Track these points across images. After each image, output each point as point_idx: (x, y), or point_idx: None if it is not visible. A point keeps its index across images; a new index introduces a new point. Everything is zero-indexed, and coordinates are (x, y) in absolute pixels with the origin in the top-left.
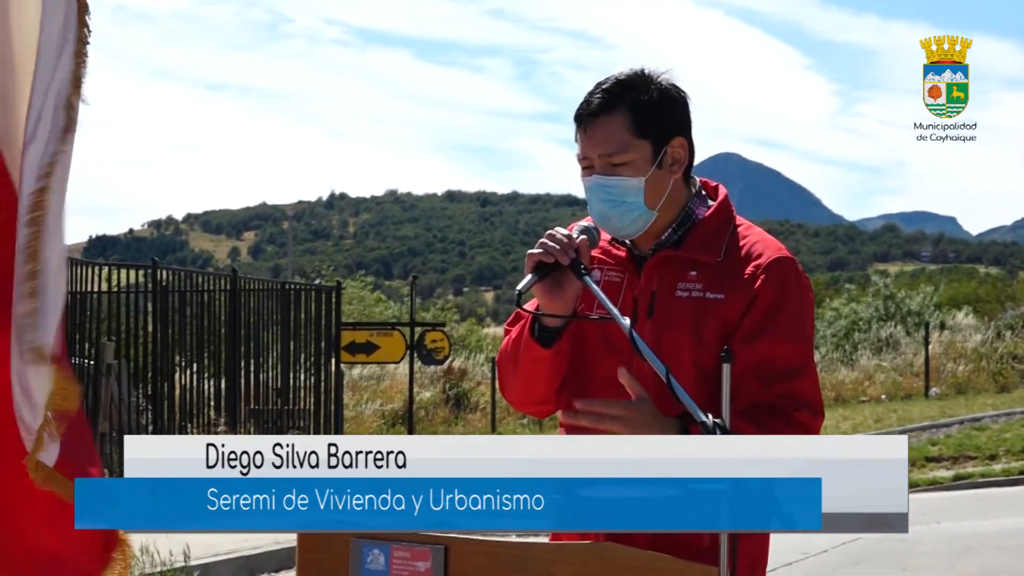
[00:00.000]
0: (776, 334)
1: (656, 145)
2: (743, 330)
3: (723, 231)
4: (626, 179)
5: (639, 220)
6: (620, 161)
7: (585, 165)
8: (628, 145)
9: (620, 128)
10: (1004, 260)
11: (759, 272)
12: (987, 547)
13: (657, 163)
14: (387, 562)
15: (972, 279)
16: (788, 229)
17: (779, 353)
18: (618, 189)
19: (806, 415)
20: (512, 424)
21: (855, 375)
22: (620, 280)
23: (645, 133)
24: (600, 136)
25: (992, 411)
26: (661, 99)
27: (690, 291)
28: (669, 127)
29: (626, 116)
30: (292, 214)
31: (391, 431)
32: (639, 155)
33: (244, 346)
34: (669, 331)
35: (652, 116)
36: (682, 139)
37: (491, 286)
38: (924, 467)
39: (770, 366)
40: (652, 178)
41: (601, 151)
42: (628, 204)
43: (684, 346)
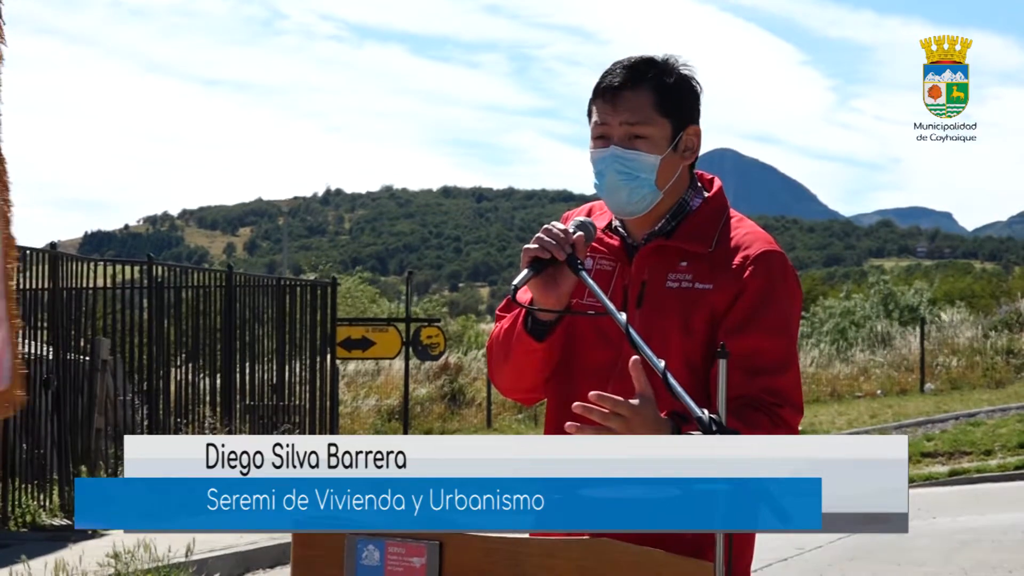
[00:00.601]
0: (761, 328)
1: (675, 127)
2: (729, 321)
3: (715, 222)
4: (643, 154)
5: (647, 198)
6: (642, 133)
7: (601, 135)
8: (651, 119)
9: (645, 103)
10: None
11: (747, 263)
12: (983, 542)
13: (673, 145)
14: (382, 558)
15: (967, 275)
16: (783, 224)
17: (763, 347)
18: (635, 163)
19: (788, 411)
20: (508, 419)
21: (850, 370)
22: (612, 269)
23: (668, 112)
24: (624, 106)
25: (987, 406)
26: (682, 84)
27: (680, 281)
28: (688, 112)
29: (651, 93)
30: (287, 210)
31: (387, 427)
32: (659, 132)
33: (239, 342)
34: (658, 321)
35: (674, 97)
36: (697, 128)
37: (487, 282)
38: (920, 463)
39: (753, 360)
40: (666, 159)
41: (624, 119)
42: (641, 180)
43: (673, 336)
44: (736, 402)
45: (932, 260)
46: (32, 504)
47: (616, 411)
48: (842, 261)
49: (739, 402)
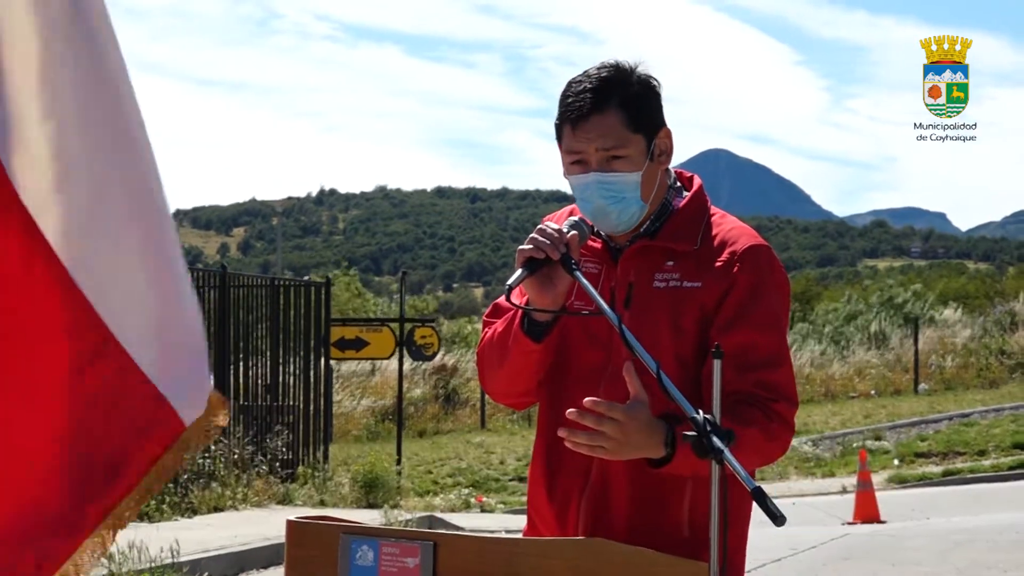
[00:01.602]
0: (752, 323)
1: (648, 138)
2: (720, 318)
3: (698, 220)
4: (624, 174)
5: (636, 214)
6: (619, 154)
7: (576, 160)
8: (626, 140)
9: (615, 124)
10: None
11: (735, 259)
12: (976, 542)
13: (649, 156)
14: (376, 558)
15: (961, 275)
16: (777, 225)
17: (755, 342)
18: (618, 185)
19: (783, 405)
20: (502, 419)
21: (844, 370)
22: (597, 272)
23: (639, 127)
24: (596, 132)
25: (981, 407)
26: (645, 92)
27: (667, 281)
28: (656, 119)
29: (619, 112)
30: (281, 210)
31: (381, 427)
32: (635, 149)
33: (233, 342)
34: (647, 321)
35: (642, 109)
36: (667, 129)
37: (480, 282)
38: (914, 463)
39: (746, 355)
40: (646, 171)
41: (599, 145)
42: (627, 199)
43: (663, 336)
44: (730, 398)
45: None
46: None
47: (610, 415)
48: (836, 261)
49: (733, 398)
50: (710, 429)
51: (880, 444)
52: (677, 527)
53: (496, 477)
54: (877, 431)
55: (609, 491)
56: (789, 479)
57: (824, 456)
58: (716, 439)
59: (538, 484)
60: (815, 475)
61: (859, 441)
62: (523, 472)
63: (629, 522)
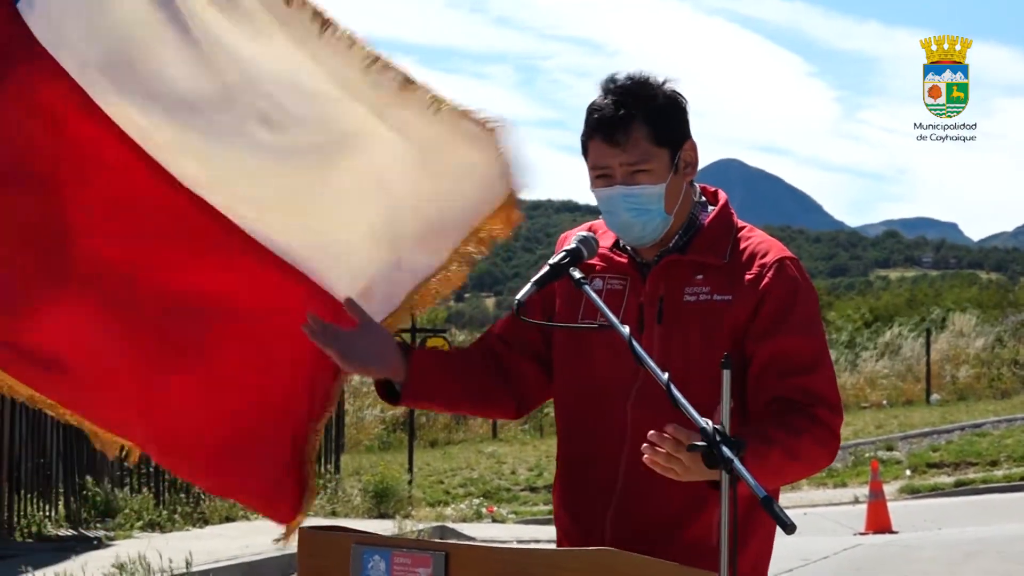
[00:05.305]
0: (789, 329)
1: (672, 151)
2: (756, 328)
3: (726, 234)
4: (648, 187)
5: (660, 226)
6: (644, 168)
7: (601, 175)
8: (650, 154)
9: (640, 139)
10: (1005, 266)
11: (765, 271)
12: (988, 553)
13: (674, 169)
14: (388, 568)
15: (973, 285)
16: (789, 235)
17: (793, 347)
18: (642, 198)
19: (824, 411)
20: (514, 429)
21: (856, 380)
22: (623, 287)
23: (664, 141)
24: (621, 147)
25: (993, 417)
26: (670, 106)
27: (698, 295)
28: (681, 132)
29: (643, 127)
30: None
31: (392, 437)
32: (659, 162)
33: None
34: (680, 336)
35: (667, 124)
36: (692, 142)
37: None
38: (925, 473)
39: (785, 361)
40: (670, 184)
41: (623, 160)
42: (652, 212)
43: (696, 350)
44: (772, 405)
45: (938, 270)
46: (37, 515)
47: (678, 455)
48: (848, 271)
49: (775, 405)
50: (720, 439)
51: (892, 454)
52: (707, 534)
53: (507, 487)
54: (889, 441)
55: (636, 505)
56: (801, 489)
57: (836, 466)
58: (726, 449)
59: (562, 501)
60: (827, 485)
61: (871, 451)
62: (534, 482)
63: (657, 535)
